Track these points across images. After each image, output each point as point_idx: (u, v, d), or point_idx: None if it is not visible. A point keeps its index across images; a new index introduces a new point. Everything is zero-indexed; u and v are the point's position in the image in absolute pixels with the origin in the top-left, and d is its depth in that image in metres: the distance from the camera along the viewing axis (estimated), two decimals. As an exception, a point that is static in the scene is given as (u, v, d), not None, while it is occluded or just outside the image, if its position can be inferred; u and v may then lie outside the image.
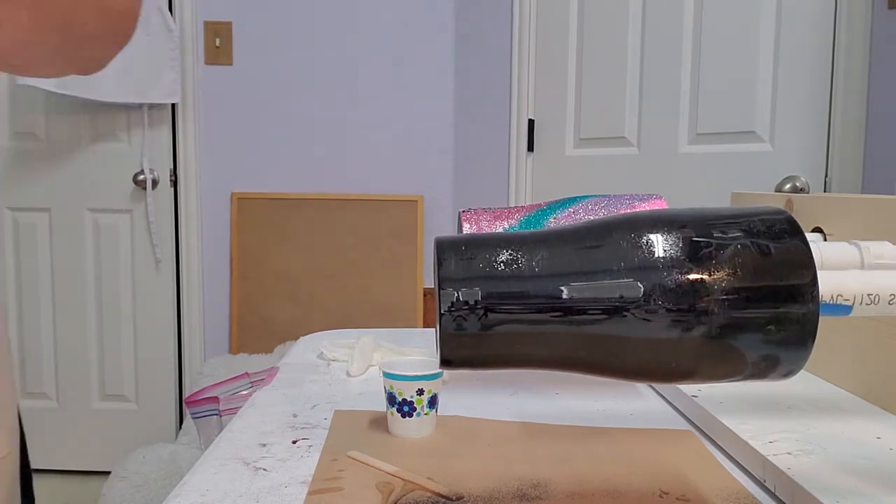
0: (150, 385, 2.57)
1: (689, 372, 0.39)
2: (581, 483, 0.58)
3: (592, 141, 2.09)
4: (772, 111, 1.76)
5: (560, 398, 0.81)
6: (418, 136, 2.56)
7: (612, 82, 2.02)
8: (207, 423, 1.00)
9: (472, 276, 0.38)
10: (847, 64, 1.65)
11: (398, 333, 1.10)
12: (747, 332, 0.37)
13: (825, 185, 1.71)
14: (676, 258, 0.38)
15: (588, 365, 0.40)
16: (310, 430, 0.71)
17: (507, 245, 0.39)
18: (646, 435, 0.69)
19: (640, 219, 0.40)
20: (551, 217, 0.80)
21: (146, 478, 1.94)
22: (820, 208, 0.80)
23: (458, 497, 0.56)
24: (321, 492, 0.56)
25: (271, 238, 2.52)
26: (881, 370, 0.70)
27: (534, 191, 2.25)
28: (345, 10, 2.51)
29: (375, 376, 0.90)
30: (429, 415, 0.68)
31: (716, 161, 1.84)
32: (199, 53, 2.50)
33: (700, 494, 0.56)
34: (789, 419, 0.67)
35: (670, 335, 0.37)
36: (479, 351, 0.39)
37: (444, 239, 0.40)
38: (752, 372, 0.39)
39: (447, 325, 0.38)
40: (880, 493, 0.51)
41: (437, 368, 0.68)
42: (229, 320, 2.56)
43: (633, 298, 0.37)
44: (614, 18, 2.01)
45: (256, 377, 0.95)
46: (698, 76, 1.86)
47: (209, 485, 0.58)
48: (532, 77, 2.21)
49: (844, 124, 1.66)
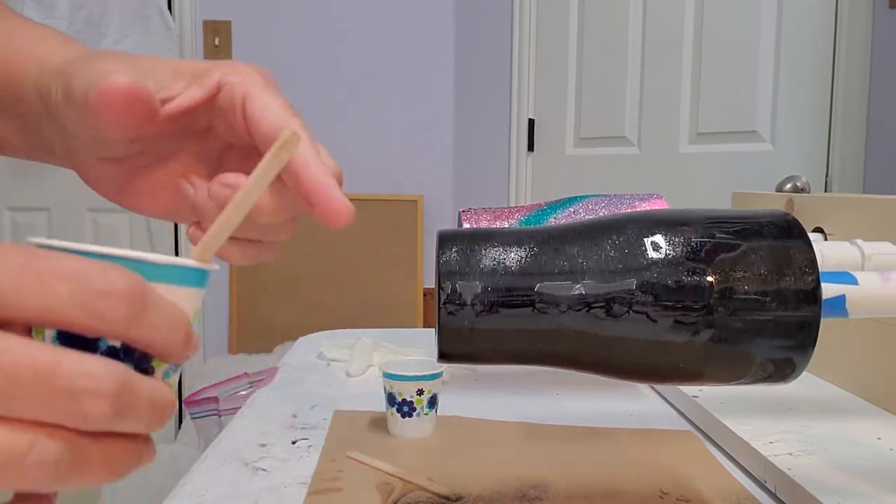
0: (149, 385, 2.56)
1: (691, 374, 0.39)
2: (581, 483, 0.58)
3: (592, 141, 2.09)
4: (772, 111, 1.76)
5: (560, 398, 0.81)
6: (418, 136, 2.55)
7: (612, 82, 2.02)
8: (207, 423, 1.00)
9: (472, 270, 0.38)
10: (847, 64, 1.65)
11: (398, 333, 1.09)
12: (749, 334, 0.37)
13: (826, 184, 1.70)
14: (679, 258, 0.37)
15: (586, 363, 0.39)
16: (309, 431, 0.71)
17: (509, 240, 0.39)
18: (646, 435, 0.69)
19: (643, 218, 0.39)
20: (551, 217, 0.80)
21: (145, 478, 1.94)
22: (821, 208, 0.80)
23: (458, 497, 0.55)
24: (321, 492, 0.56)
25: (271, 238, 2.52)
26: (881, 370, 0.70)
27: (534, 191, 2.25)
28: (345, 9, 2.51)
29: (375, 376, 0.90)
30: (429, 415, 0.68)
31: (716, 161, 1.84)
32: (199, 53, 2.50)
33: (700, 495, 0.56)
34: (790, 420, 0.67)
35: (670, 336, 0.37)
36: (477, 345, 0.39)
37: (446, 232, 0.40)
38: (753, 375, 0.39)
39: (445, 318, 0.38)
40: (880, 494, 0.51)
41: (437, 368, 0.68)
42: (229, 320, 2.56)
43: (633, 298, 0.37)
44: (614, 18, 2.00)
45: (256, 377, 0.95)
46: (698, 76, 1.86)
47: (209, 485, 0.58)
48: (532, 77, 2.21)
49: (845, 124, 1.66)
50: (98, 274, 0.23)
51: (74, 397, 0.22)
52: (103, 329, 0.24)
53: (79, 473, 0.23)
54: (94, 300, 0.23)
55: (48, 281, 0.23)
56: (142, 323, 0.24)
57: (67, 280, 0.23)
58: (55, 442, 0.22)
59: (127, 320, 0.24)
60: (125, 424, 0.24)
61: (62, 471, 0.23)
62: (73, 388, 0.22)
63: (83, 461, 0.23)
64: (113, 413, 0.23)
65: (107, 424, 0.23)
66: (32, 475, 0.22)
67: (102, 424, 0.23)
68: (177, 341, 0.26)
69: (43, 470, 0.22)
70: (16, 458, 0.22)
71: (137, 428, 0.25)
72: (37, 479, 0.22)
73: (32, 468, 0.22)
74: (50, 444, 0.22)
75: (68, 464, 0.23)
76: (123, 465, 0.25)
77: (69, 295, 0.23)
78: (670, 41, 1.90)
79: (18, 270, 0.23)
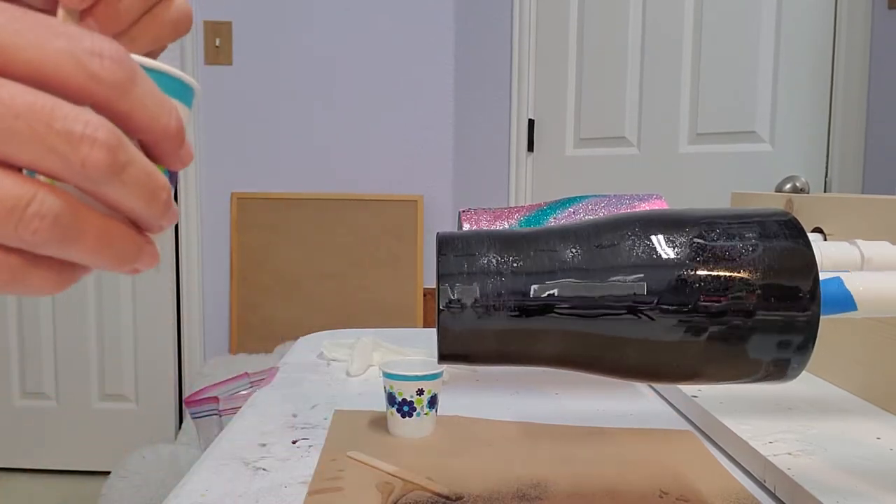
0: (150, 385, 2.57)
1: (690, 373, 0.39)
2: (581, 483, 0.58)
3: (592, 141, 2.09)
4: (772, 111, 1.76)
5: (560, 398, 0.81)
6: (418, 136, 2.56)
7: (612, 82, 2.02)
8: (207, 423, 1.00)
9: (471, 272, 0.38)
10: (847, 64, 1.65)
11: (398, 333, 1.10)
12: (749, 333, 0.37)
13: (825, 185, 1.71)
14: (679, 258, 0.38)
15: (588, 364, 0.40)
16: (310, 430, 0.71)
17: (508, 242, 0.39)
18: (646, 435, 0.69)
19: (642, 219, 0.40)
20: (551, 217, 0.80)
21: (146, 478, 1.94)
22: (820, 208, 0.80)
23: (458, 497, 0.56)
24: (321, 492, 0.56)
25: (271, 238, 2.52)
26: (881, 370, 0.70)
27: (534, 191, 2.25)
28: (345, 9, 2.51)
29: (375, 376, 0.90)
30: (429, 415, 0.68)
31: (716, 161, 1.84)
32: (199, 53, 2.50)
33: (700, 495, 0.56)
34: (789, 419, 0.67)
35: (670, 336, 0.37)
36: (478, 347, 0.39)
37: (445, 234, 0.40)
38: (753, 374, 0.39)
39: (445, 320, 0.38)
40: (880, 493, 0.51)
41: (437, 368, 0.68)
42: (229, 320, 2.56)
43: (633, 298, 0.37)
44: (614, 18, 2.01)
45: (256, 377, 0.95)
46: (698, 76, 1.86)
47: (209, 485, 0.58)
48: (532, 77, 2.21)
49: (844, 124, 1.66)
50: (88, 36, 0.23)
51: (73, 142, 0.22)
52: (96, 92, 0.23)
53: (74, 238, 0.24)
54: (88, 58, 0.23)
55: (43, 34, 0.23)
56: (131, 95, 0.24)
57: (62, 36, 0.23)
58: (56, 198, 0.23)
59: (117, 85, 0.24)
60: (121, 191, 0.24)
61: (59, 228, 0.23)
62: (72, 132, 0.22)
63: (81, 225, 0.24)
64: (109, 166, 0.23)
65: (104, 180, 0.23)
66: (32, 225, 0.23)
67: (99, 180, 0.23)
68: (167, 126, 0.25)
69: (43, 222, 0.23)
70: (19, 206, 0.22)
71: (132, 197, 0.25)
72: (35, 231, 0.23)
73: (33, 218, 0.23)
74: (51, 198, 0.23)
75: (66, 223, 0.23)
76: (121, 249, 0.25)
77: (64, 49, 0.23)
78: (670, 41, 1.90)
79: (19, 19, 0.23)
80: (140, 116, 0.25)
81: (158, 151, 0.26)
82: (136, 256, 0.26)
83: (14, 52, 0.22)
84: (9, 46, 0.22)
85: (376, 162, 2.55)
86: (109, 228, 0.25)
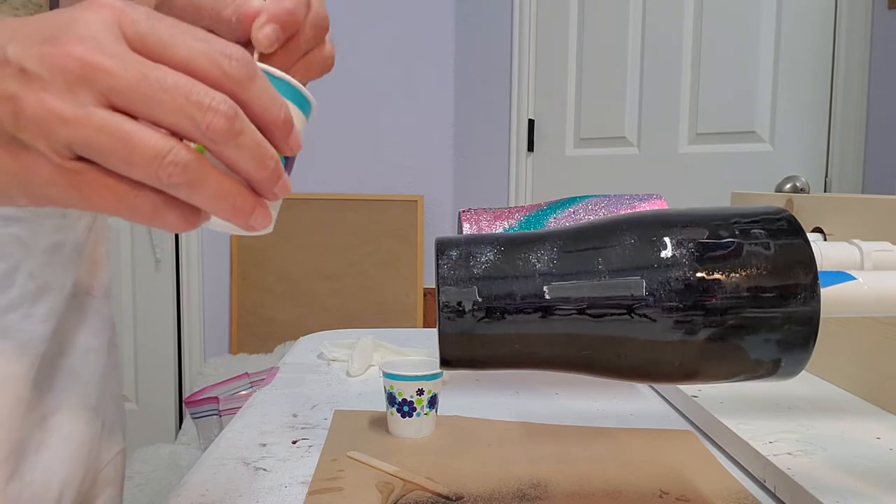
0: (150, 385, 2.57)
1: (690, 372, 0.39)
2: (581, 483, 0.58)
3: (592, 141, 2.09)
4: (772, 111, 1.76)
5: (560, 398, 0.81)
6: (418, 136, 2.56)
7: (612, 82, 2.02)
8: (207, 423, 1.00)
9: (470, 277, 0.38)
10: (847, 64, 1.65)
11: (398, 333, 1.10)
12: (749, 332, 0.37)
13: (825, 185, 1.70)
14: (678, 258, 0.38)
15: (590, 366, 0.40)
16: (310, 430, 0.71)
17: (507, 245, 0.39)
18: (646, 435, 0.69)
19: (639, 219, 0.40)
20: (551, 217, 0.80)
21: (146, 477, 1.94)
22: (820, 208, 0.80)
23: (458, 497, 0.56)
24: (321, 492, 0.56)
25: (271, 238, 2.52)
26: (881, 370, 0.70)
27: (534, 191, 2.25)
28: (345, 9, 2.51)
29: (375, 376, 0.90)
30: (429, 415, 0.68)
31: (716, 161, 1.84)
32: (199, 53, 2.50)
33: (700, 494, 0.56)
34: (789, 419, 0.67)
35: (670, 336, 0.37)
36: (478, 351, 0.39)
37: (443, 239, 0.40)
38: (753, 372, 0.39)
39: (445, 325, 0.38)
40: (880, 493, 0.51)
41: (437, 368, 0.68)
42: (229, 320, 2.56)
43: (633, 299, 0.37)
44: (614, 18, 2.00)
45: (256, 377, 0.96)
46: (698, 76, 1.86)
47: (209, 485, 0.58)
48: (532, 77, 2.21)
49: (844, 124, 1.66)
50: (224, 43, 0.31)
51: (202, 110, 0.30)
52: (224, 83, 0.31)
53: (199, 184, 0.31)
54: (221, 58, 0.31)
55: (191, 38, 0.31)
56: (250, 89, 0.32)
57: (204, 41, 0.31)
58: (188, 152, 0.30)
59: (239, 80, 0.31)
60: (236, 152, 0.31)
61: (188, 174, 0.30)
62: (202, 103, 0.30)
63: (205, 176, 0.31)
64: (227, 130, 0.30)
65: (223, 140, 0.31)
66: (168, 169, 0.30)
67: (219, 140, 0.31)
68: (276, 116, 0.33)
69: (176, 168, 0.30)
70: (161, 154, 0.30)
71: (245, 159, 0.32)
72: (170, 175, 0.30)
73: (169, 165, 0.30)
74: (184, 153, 0.30)
75: (193, 172, 0.30)
76: (236, 203, 0.32)
77: (203, 51, 0.31)
78: (670, 41, 1.90)
79: (176, 25, 0.31)
80: (255, 105, 0.32)
81: (270, 136, 0.33)
82: (250, 213, 0.33)
83: (172, 48, 0.31)
84: (168, 44, 0.31)
85: (376, 162, 2.55)
86: (228, 184, 0.32)
